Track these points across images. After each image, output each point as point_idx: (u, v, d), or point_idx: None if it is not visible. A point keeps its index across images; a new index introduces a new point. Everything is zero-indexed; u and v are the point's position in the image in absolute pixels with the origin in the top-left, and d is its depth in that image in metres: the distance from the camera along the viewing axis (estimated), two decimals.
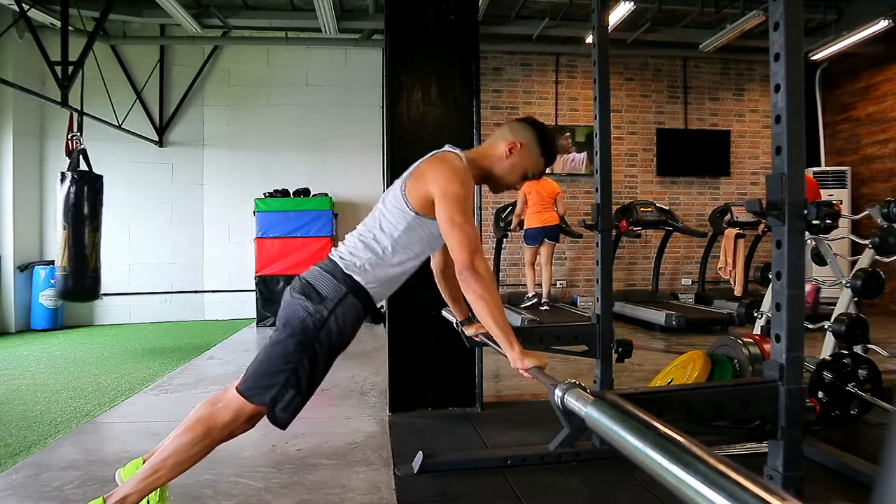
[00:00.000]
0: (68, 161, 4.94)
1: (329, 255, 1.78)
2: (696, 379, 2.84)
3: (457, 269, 1.59)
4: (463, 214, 1.60)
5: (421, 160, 1.78)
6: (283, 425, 1.68)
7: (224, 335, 5.98)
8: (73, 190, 4.81)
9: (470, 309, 2.09)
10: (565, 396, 1.20)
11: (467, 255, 1.57)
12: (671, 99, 8.15)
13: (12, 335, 6.26)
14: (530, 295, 6.44)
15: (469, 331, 2.07)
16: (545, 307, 6.30)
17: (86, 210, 4.87)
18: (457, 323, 2.12)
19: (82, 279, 4.90)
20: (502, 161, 1.78)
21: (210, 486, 2.23)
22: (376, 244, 1.73)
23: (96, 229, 4.97)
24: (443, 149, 1.79)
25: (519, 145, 1.78)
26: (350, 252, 1.74)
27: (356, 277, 1.70)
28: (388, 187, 3.26)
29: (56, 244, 4.93)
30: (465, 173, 1.68)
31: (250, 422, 1.71)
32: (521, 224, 6.29)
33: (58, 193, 4.88)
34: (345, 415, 3.19)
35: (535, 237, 6.17)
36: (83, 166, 4.95)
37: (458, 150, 1.77)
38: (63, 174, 4.85)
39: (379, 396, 3.50)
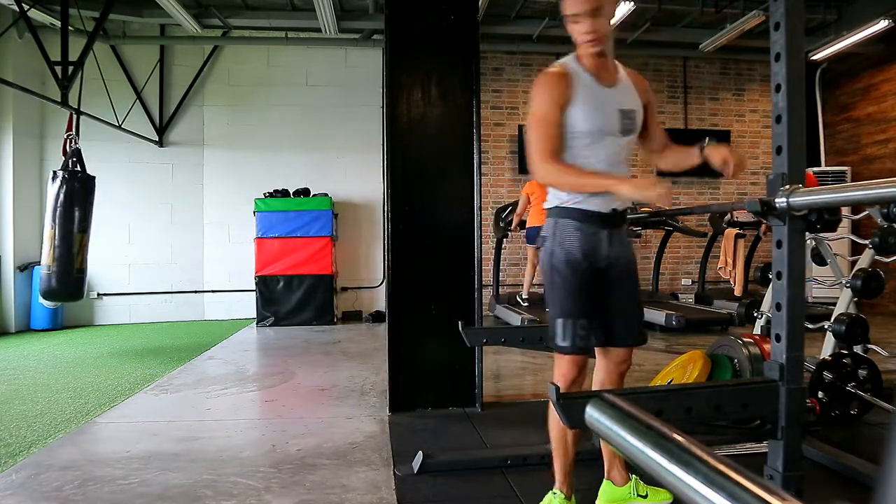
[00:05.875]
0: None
1: None
2: (696, 379, 2.84)
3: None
4: (533, 124, 1.79)
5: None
6: (567, 352, 1.82)
7: (224, 335, 5.97)
8: (62, 189, 4.75)
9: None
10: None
11: (535, 159, 1.77)
12: (671, 99, 8.14)
13: (12, 335, 6.26)
14: (524, 297, 6.52)
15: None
16: (525, 303, 6.46)
17: (75, 210, 4.80)
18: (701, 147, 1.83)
19: (66, 279, 4.82)
20: (574, 36, 1.79)
21: (210, 486, 2.23)
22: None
23: (84, 230, 4.90)
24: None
25: (568, 15, 1.77)
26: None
27: (554, 203, 1.86)
28: (388, 187, 3.29)
29: (43, 243, 4.86)
30: (539, 82, 1.79)
31: (577, 368, 1.84)
32: (521, 224, 6.29)
33: (48, 192, 4.83)
34: (345, 415, 3.19)
35: (535, 237, 6.17)
36: (78, 167, 4.93)
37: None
38: (54, 173, 4.80)
39: (379, 396, 3.50)
